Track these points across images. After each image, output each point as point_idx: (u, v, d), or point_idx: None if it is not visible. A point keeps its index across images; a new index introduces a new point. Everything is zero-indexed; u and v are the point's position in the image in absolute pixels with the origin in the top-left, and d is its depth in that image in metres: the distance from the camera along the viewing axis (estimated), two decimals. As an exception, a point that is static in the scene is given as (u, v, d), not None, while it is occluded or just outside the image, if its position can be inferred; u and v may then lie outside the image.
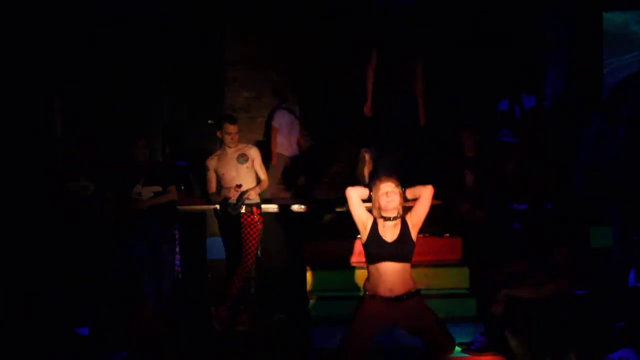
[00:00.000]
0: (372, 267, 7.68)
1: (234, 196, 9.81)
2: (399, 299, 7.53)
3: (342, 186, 9.10)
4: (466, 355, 8.54)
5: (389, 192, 7.59)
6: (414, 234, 7.68)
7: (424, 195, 7.69)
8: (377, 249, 7.66)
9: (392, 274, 7.58)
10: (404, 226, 7.69)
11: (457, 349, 8.56)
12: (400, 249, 7.64)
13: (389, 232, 7.69)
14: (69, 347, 8.03)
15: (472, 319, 9.11)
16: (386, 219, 7.63)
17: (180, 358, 8.21)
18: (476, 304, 9.27)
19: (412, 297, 7.58)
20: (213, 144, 10.15)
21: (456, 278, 9.64)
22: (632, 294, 8.07)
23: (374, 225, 7.70)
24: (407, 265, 7.67)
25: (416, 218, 7.71)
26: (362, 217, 7.71)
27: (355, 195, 7.71)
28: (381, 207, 7.62)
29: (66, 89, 10.67)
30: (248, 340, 9.58)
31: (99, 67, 10.97)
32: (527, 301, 8.13)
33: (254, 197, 9.88)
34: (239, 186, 9.49)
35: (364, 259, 9.65)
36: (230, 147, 9.86)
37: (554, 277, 8.19)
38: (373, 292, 7.63)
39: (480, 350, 8.52)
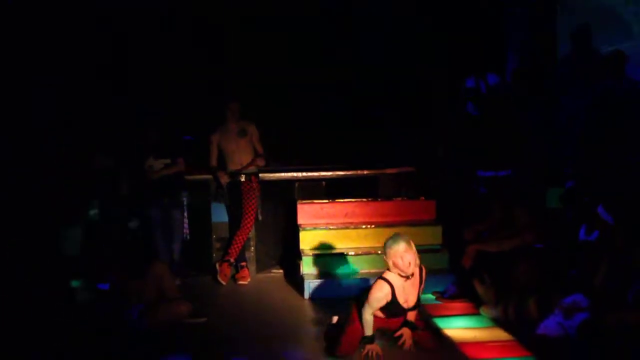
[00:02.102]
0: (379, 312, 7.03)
1: (225, 181, 10.09)
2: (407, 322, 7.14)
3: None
4: (439, 302, 8.84)
5: (403, 256, 6.90)
6: None
7: None
8: (394, 312, 7.07)
9: (399, 319, 7.15)
10: (420, 286, 7.18)
11: (432, 296, 8.92)
12: (414, 308, 7.16)
13: (409, 296, 7.06)
14: (92, 300, 8.22)
15: (444, 271, 9.40)
16: (406, 277, 6.96)
17: (189, 309, 8.19)
18: (448, 258, 9.56)
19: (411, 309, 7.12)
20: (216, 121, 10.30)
21: (431, 235, 9.84)
22: (582, 247, 8.15)
23: (393, 294, 6.96)
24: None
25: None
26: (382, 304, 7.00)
27: (370, 314, 6.95)
28: (400, 269, 6.90)
29: (81, 74, 10.66)
30: (249, 292, 9.70)
31: (111, 52, 10.99)
32: (492, 254, 8.44)
33: (252, 168, 10.14)
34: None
35: (351, 220, 9.95)
36: (231, 123, 10.09)
37: (516, 234, 8.51)
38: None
39: (452, 298, 8.84)
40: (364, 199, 10.31)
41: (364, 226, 9.96)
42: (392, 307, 7.02)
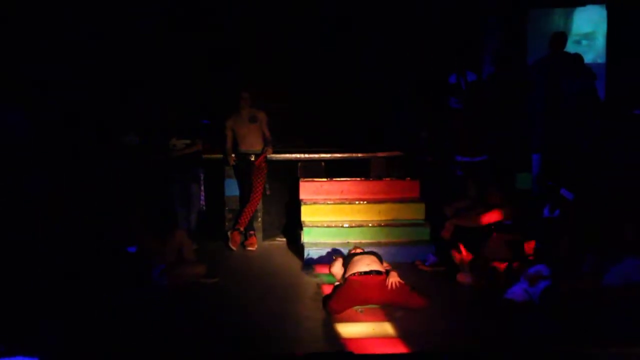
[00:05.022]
0: (348, 265, 7.36)
1: (232, 163, 10.13)
2: (377, 272, 7.20)
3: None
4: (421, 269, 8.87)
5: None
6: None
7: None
8: (352, 255, 7.49)
9: (366, 258, 7.36)
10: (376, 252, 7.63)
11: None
12: (373, 252, 7.54)
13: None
14: (121, 260, 8.28)
15: (426, 242, 9.47)
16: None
17: (204, 270, 8.29)
18: (430, 231, 9.57)
19: (387, 273, 7.24)
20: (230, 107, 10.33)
21: (415, 211, 9.88)
22: (545, 223, 8.23)
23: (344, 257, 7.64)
24: (378, 259, 7.38)
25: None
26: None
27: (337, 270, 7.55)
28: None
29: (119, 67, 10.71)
30: (256, 258, 9.74)
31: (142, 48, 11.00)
32: (468, 229, 8.52)
33: (260, 148, 10.14)
34: None
35: (346, 196, 9.95)
36: (244, 110, 10.09)
37: (488, 212, 8.56)
38: (352, 272, 7.23)
39: (433, 266, 8.88)
40: (358, 178, 10.33)
41: (357, 202, 9.99)
42: (350, 255, 7.45)
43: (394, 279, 7.21)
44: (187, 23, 11.30)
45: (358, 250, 7.69)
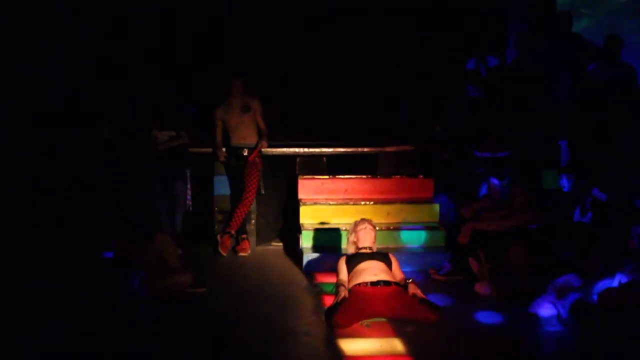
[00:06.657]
0: (353, 272, 7.32)
1: (222, 159, 10.11)
2: (385, 283, 7.14)
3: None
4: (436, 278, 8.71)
5: (366, 229, 7.61)
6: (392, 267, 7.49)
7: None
8: (358, 258, 7.43)
9: (374, 267, 7.28)
10: (386, 255, 7.57)
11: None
12: (379, 255, 7.49)
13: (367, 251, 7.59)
14: (97, 267, 8.23)
15: (441, 248, 9.39)
16: (362, 249, 7.58)
17: (190, 279, 8.16)
18: (445, 235, 9.50)
19: (395, 284, 7.19)
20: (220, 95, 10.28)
21: (428, 213, 9.86)
22: (576, 228, 8.19)
23: (350, 256, 7.55)
24: (387, 267, 7.37)
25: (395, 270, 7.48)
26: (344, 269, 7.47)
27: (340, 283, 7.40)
28: (358, 240, 7.59)
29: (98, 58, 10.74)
30: (249, 264, 9.68)
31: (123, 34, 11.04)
32: (488, 233, 8.34)
33: (253, 142, 10.08)
34: None
35: (350, 196, 10.00)
36: (235, 98, 10.03)
37: (512, 213, 8.43)
38: (359, 282, 7.19)
39: (448, 275, 8.70)
40: (364, 176, 10.32)
41: (362, 202, 9.97)
42: (355, 257, 7.46)
43: (414, 290, 7.20)
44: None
45: (365, 239, 7.66)
